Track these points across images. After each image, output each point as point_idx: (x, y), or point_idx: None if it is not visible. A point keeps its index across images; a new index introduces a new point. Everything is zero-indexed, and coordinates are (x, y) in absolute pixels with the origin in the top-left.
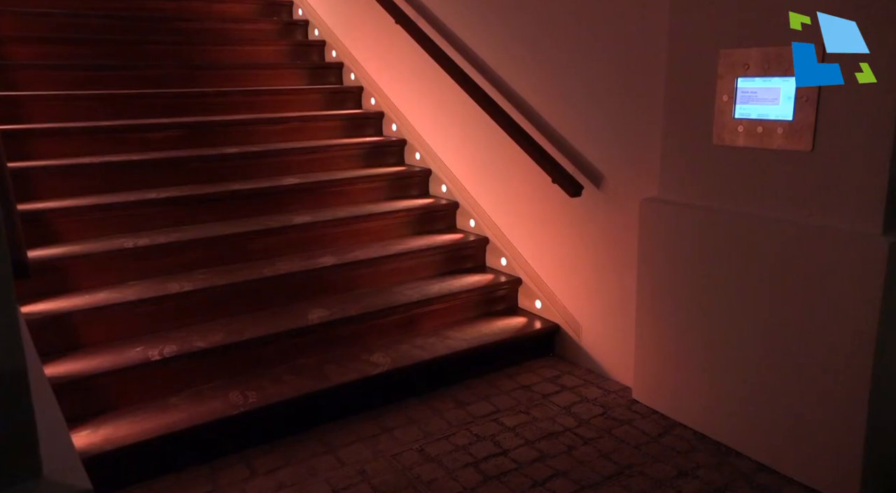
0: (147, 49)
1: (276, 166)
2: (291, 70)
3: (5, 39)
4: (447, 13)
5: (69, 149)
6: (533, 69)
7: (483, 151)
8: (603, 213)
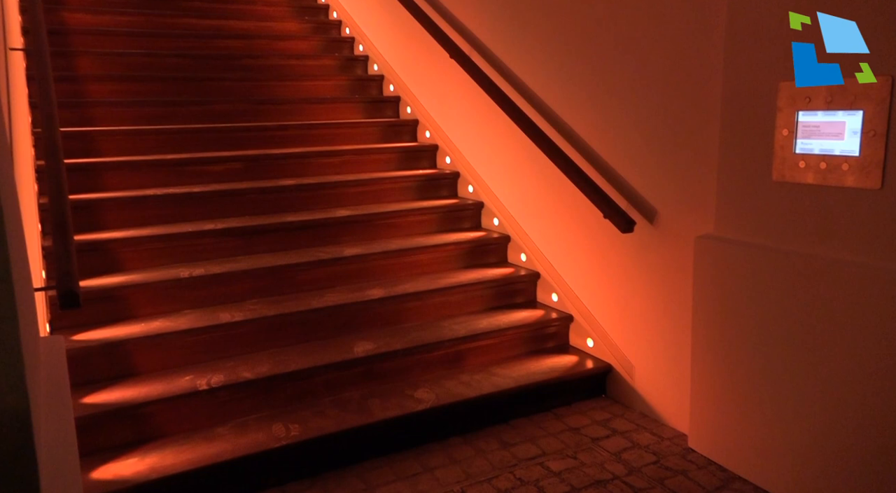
0: (215, 86)
1: (331, 198)
2: (350, 104)
3: (86, 78)
4: (501, 48)
5: (136, 181)
6: (585, 103)
7: (535, 184)
8: (656, 249)
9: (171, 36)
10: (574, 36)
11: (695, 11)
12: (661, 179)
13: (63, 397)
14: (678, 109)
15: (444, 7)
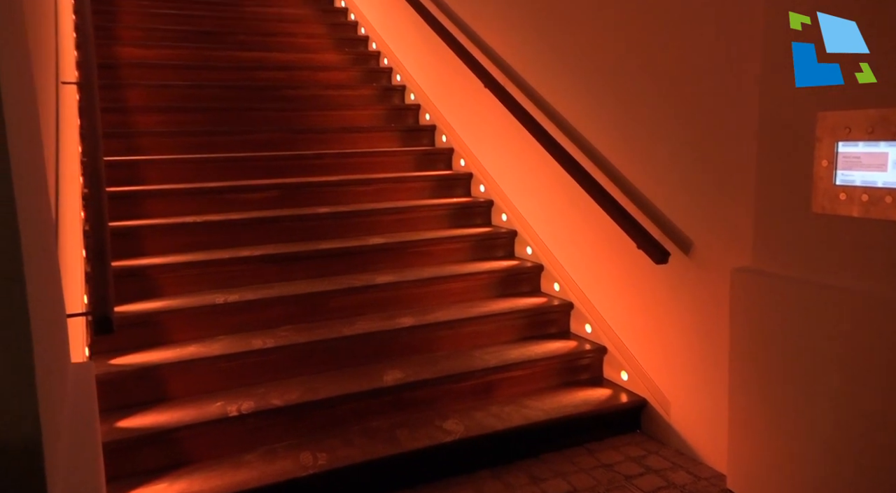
0: (256, 116)
1: (365, 226)
2: (386, 133)
3: (134, 109)
4: (535, 78)
5: (177, 208)
6: (617, 132)
7: (568, 213)
8: (692, 281)
9: (215, 68)
10: (605, 64)
11: (728, 38)
12: (696, 209)
13: (90, 423)
14: (712, 138)
15: (479, 37)
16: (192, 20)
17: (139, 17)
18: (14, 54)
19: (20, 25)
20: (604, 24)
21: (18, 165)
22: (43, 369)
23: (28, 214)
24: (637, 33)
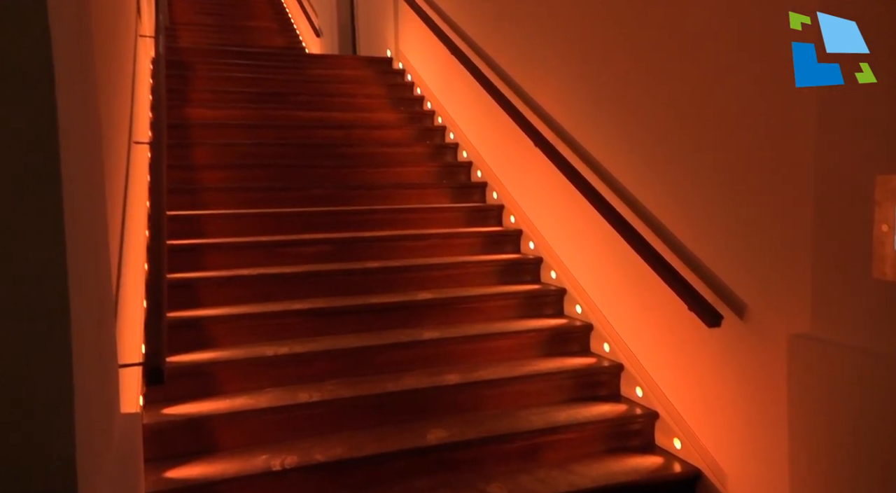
0: (313, 172)
1: (414, 281)
2: (438, 189)
3: (200, 166)
4: (584, 136)
5: (234, 261)
6: (670, 189)
7: (618, 272)
8: (747, 345)
9: (277, 127)
10: (651, 122)
11: (782, 96)
12: (750, 270)
13: (134, 474)
14: (765, 195)
15: (530, 97)
16: (259, 82)
17: (210, 80)
18: (80, 119)
19: (90, 90)
20: (649, 90)
21: (73, 223)
22: (84, 419)
23: (81, 270)
24: (687, 97)
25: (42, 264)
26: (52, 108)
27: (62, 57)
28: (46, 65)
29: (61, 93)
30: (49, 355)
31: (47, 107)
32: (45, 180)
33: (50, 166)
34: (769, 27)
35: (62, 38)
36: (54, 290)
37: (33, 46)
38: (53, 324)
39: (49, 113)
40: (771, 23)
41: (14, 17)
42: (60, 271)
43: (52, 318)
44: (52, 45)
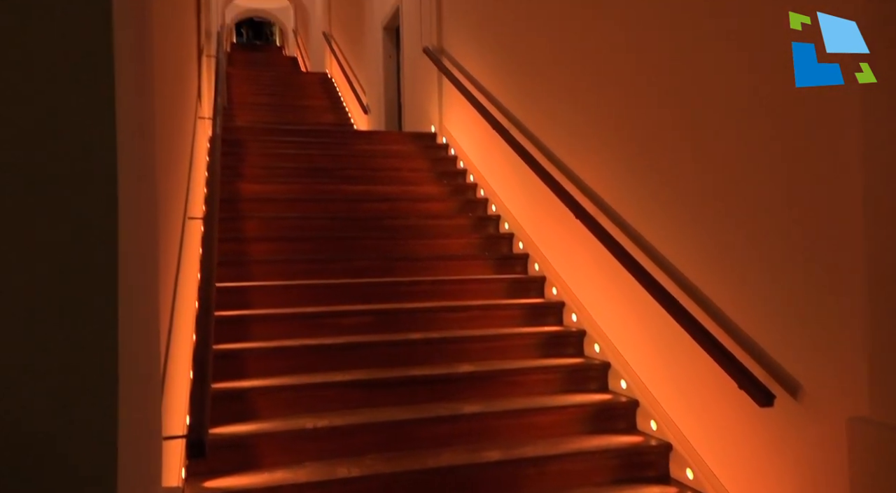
0: (357, 244)
1: (455, 353)
2: (480, 260)
3: (249, 239)
4: (624, 207)
5: (279, 332)
6: (714, 263)
7: (663, 346)
8: (802, 427)
9: (324, 200)
10: (693, 197)
11: (827, 164)
12: (802, 348)
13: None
14: (814, 268)
15: (569, 169)
16: (308, 158)
17: (263, 156)
18: (137, 201)
19: (149, 175)
20: (690, 165)
21: (127, 301)
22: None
23: (131, 347)
24: (731, 170)
25: (93, 340)
26: (114, 196)
27: (125, 155)
28: (111, 167)
29: (122, 184)
30: (95, 431)
31: (108, 192)
32: (100, 258)
33: (106, 245)
34: (800, 108)
35: (126, 138)
36: (104, 366)
37: (100, 139)
38: (101, 400)
39: (110, 198)
40: (804, 102)
41: (86, 107)
42: (111, 349)
43: (99, 394)
44: (116, 147)
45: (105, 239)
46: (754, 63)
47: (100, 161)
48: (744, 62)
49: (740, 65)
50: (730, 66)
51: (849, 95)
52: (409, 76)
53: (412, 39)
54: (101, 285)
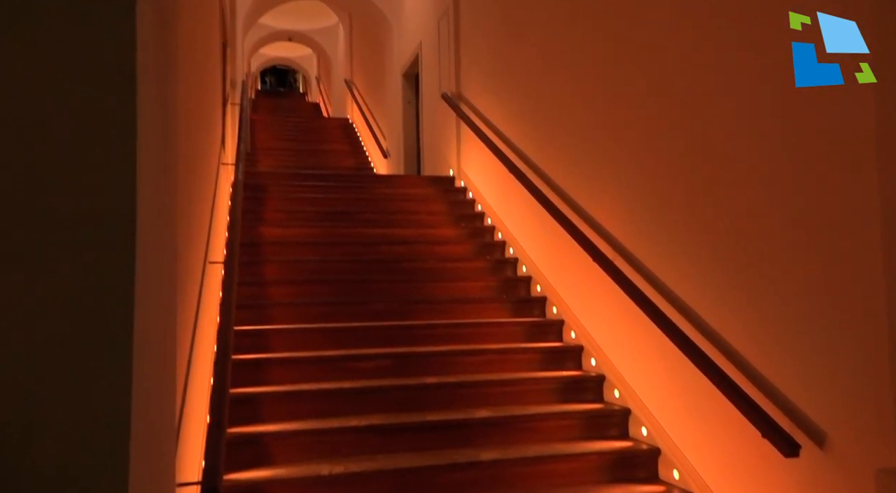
0: (375, 287)
1: (472, 398)
2: (497, 304)
3: (268, 282)
4: (641, 249)
5: (295, 376)
6: (736, 311)
7: (686, 394)
8: (829, 479)
9: (343, 243)
10: (714, 241)
11: (847, 212)
12: (828, 397)
13: None
14: (838, 316)
15: (586, 212)
16: (328, 202)
17: (283, 201)
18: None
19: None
20: (710, 212)
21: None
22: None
23: (145, 394)
24: (751, 217)
25: (107, 384)
26: (132, 239)
27: (145, 198)
28: (130, 209)
29: (141, 227)
30: (106, 477)
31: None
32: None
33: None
34: (825, 151)
35: (147, 183)
36: (117, 411)
37: (119, 186)
38: (114, 446)
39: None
40: (829, 145)
41: (106, 149)
42: (125, 396)
43: (112, 439)
44: (136, 189)
45: (121, 282)
46: (777, 108)
47: (118, 203)
48: (765, 108)
49: (762, 110)
50: (751, 110)
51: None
52: (427, 121)
53: (431, 86)
54: (115, 329)
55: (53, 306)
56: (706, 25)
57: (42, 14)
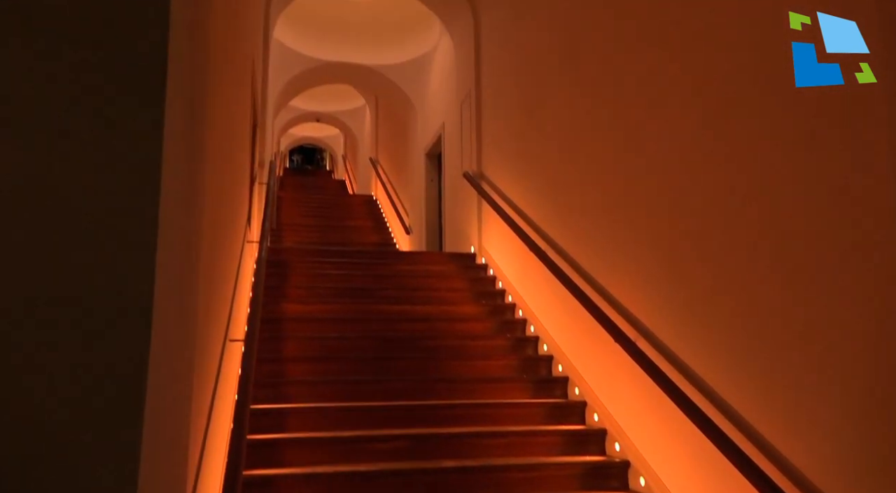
0: (394, 365)
1: (491, 483)
2: (518, 383)
3: (287, 359)
4: (662, 329)
5: (311, 458)
6: (764, 393)
7: (716, 484)
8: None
9: (363, 320)
10: (736, 327)
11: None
12: (847, 479)
13: None
14: (876, 407)
15: (607, 291)
16: (350, 278)
17: (306, 277)
18: (173, 320)
19: (190, 307)
20: (733, 296)
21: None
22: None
23: (154, 467)
24: (776, 297)
25: (114, 466)
26: (146, 341)
27: (165, 275)
28: (148, 284)
29: (157, 311)
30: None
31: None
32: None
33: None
34: (845, 232)
35: (168, 260)
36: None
37: (138, 262)
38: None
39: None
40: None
41: (125, 233)
42: (131, 484)
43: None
44: (155, 265)
45: (136, 374)
46: (798, 192)
47: (136, 278)
48: (787, 191)
49: (771, 197)
50: (760, 196)
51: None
52: (449, 199)
53: (453, 165)
54: (127, 411)
55: (64, 388)
56: (712, 115)
57: (70, 113)
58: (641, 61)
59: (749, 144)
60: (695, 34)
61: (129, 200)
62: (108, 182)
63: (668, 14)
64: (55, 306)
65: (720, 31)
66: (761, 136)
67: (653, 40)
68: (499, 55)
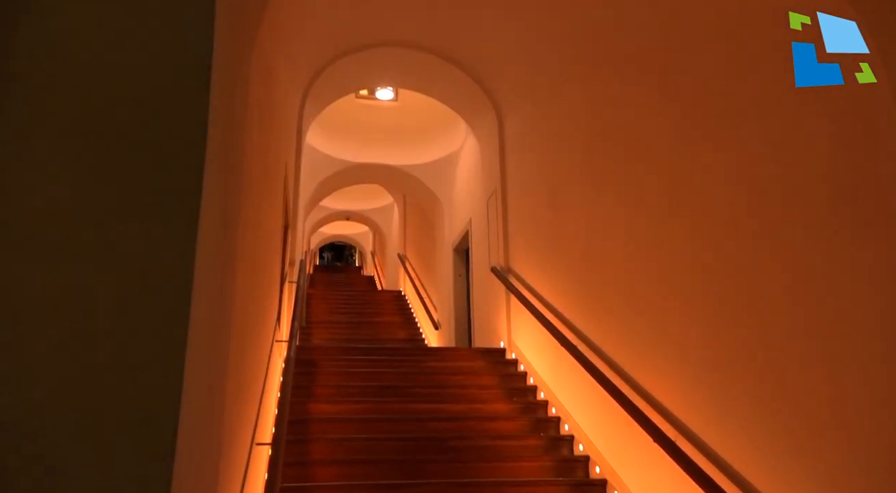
0: (423, 468)
1: None
2: (553, 487)
3: (313, 462)
4: (711, 434)
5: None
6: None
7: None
8: None
9: (391, 420)
10: (779, 432)
11: None
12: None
13: None
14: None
15: (642, 387)
16: (378, 376)
17: (334, 376)
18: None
19: (217, 411)
20: (771, 399)
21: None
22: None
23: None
24: (822, 393)
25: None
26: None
27: (194, 379)
28: (175, 389)
29: (184, 416)
30: None
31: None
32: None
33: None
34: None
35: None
36: None
37: (167, 366)
38: None
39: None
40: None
41: (154, 341)
42: None
43: None
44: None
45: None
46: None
47: (164, 384)
48: (833, 284)
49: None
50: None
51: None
52: (478, 293)
53: (481, 259)
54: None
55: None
56: (740, 211)
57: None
58: (662, 160)
59: (784, 238)
60: (719, 139)
61: (162, 302)
62: (141, 284)
63: (689, 119)
64: (85, 416)
65: (741, 132)
66: (794, 226)
67: (674, 141)
68: (523, 153)
